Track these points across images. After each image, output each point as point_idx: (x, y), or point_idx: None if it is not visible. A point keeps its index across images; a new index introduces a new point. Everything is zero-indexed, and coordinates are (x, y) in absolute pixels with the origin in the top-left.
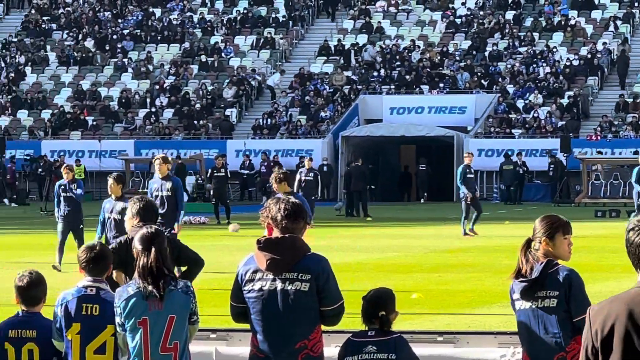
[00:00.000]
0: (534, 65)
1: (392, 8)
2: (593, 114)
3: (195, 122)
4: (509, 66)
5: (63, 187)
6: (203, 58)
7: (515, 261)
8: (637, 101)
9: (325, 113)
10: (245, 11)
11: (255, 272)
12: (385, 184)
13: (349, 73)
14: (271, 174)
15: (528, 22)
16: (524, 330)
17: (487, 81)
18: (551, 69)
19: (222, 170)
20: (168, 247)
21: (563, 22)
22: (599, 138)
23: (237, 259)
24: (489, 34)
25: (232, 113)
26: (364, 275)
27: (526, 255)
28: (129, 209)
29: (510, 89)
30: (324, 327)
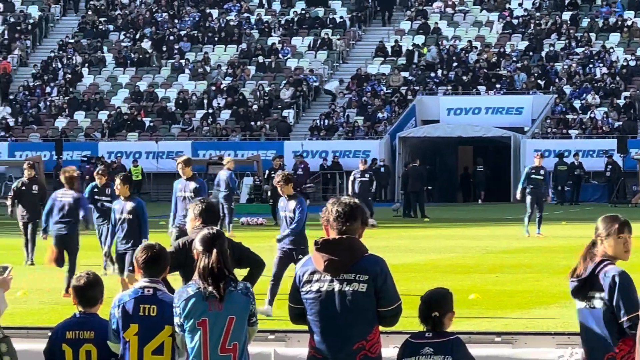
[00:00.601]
0: (591, 65)
1: (449, 9)
2: None
3: (253, 123)
4: (566, 67)
5: (96, 190)
6: (260, 59)
7: (572, 261)
8: None
9: (382, 114)
10: (303, 12)
11: (313, 273)
12: (442, 185)
13: (406, 74)
14: (308, 176)
15: (585, 22)
16: (581, 329)
17: (544, 82)
18: (608, 70)
19: (280, 171)
20: (229, 248)
21: (620, 23)
22: None
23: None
24: (546, 34)
25: (290, 114)
26: (421, 276)
27: (586, 255)
28: (191, 211)
29: (567, 89)
30: (381, 328)
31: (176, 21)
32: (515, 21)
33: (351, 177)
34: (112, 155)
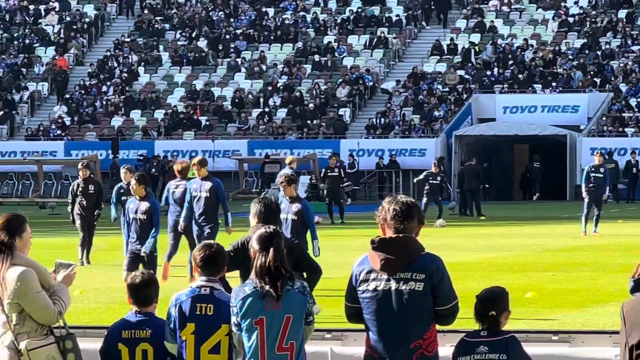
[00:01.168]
0: None
1: (505, 7)
2: None
3: (309, 121)
4: (622, 65)
5: (122, 191)
6: (316, 58)
7: (628, 259)
8: None
9: (438, 112)
10: (359, 10)
11: (370, 272)
12: (498, 183)
13: (462, 72)
14: (344, 175)
15: None
16: None
17: (600, 80)
18: None
19: (336, 169)
20: (288, 249)
21: None
22: None
23: (352, 259)
24: (602, 32)
25: (346, 112)
26: (478, 275)
27: None
28: (251, 209)
29: (623, 87)
30: (438, 327)
31: (232, 20)
32: (571, 19)
33: (420, 176)
34: (169, 154)
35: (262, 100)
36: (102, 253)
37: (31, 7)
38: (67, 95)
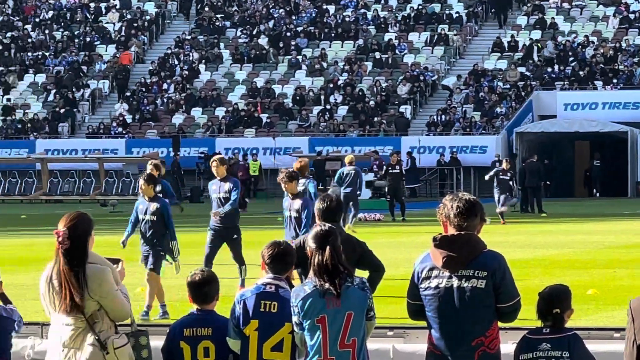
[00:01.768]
0: None
1: (565, 4)
2: None
3: (370, 119)
4: None
5: None
6: (377, 55)
7: None
8: None
9: (500, 109)
10: (419, 7)
11: (432, 269)
12: (559, 180)
13: (523, 69)
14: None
15: None
16: None
17: None
18: None
19: (397, 167)
20: (351, 248)
21: None
22: None
23: (413, 256)
24: None
25: (407, 110)
26: (539, 272)
27: None
28: (315, 208)
29: None
30: (500, 324)
31: (293, 17)
32: (632, 16)
33: (491, 172)
34: (230, 152)
35: (323, 97)
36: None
37: (92, 5)
38: (128, 93)
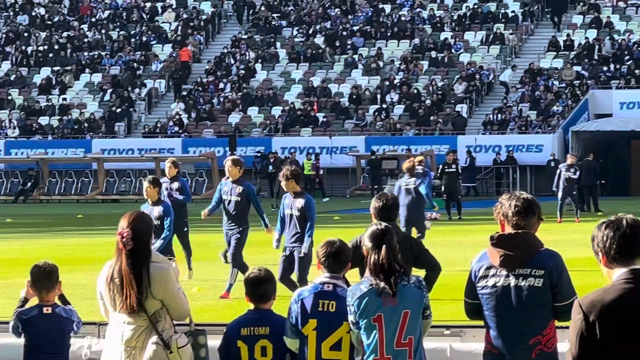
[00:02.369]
0: None
1: (621, 3)
2: None
3: (426, 118)
4: None
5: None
6: (433, 54)
7: None
8: None
9: (557, 107)
10: (475, 7)
11: (489, 268)
12: (615, 179)
13: (579, 68)
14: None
15: None
16: None
17: None
18: None
19: (454, 166)
20: (407, 247)
21: None
22: None
23: (470, 255)
24: None
25: (463, 109)
26: (597, 271)
27: None
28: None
29: None
30: (557, 323)
31: (349, 16)
32: None
33: (558, 171)
34: (286, 151)
35: (379, 96)
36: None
37: (148, 4)
38: (184, 93)
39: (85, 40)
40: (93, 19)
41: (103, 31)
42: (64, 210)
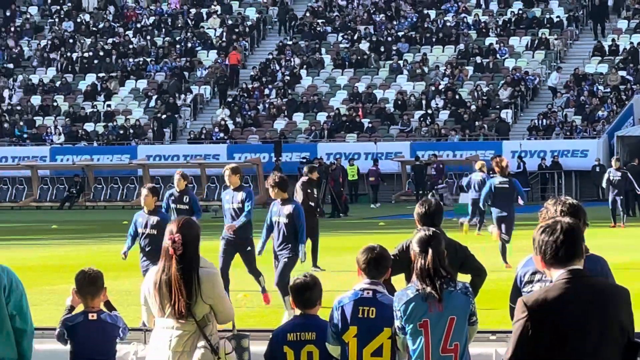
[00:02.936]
0: None
1: None
2: None
3: (471, 123)
4: None
5: (173, 198)
6: (478, 59)
7: None
8: None
9: (602, 112)
10: (520, 12)
11: (534, 273)
12: None
13: (624, 73)
14: (440, 176)
15: None
16: None
17: None
18: None
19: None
20: (453, 252)
21: None
22: None
23: (515, 260)
24: None
25: (508, 114)
26: None
27: None
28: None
29: None
30: None
31: (394, 22)
32: None
33: (605, 175)
34: (331, 157)
35: (424, 102)
36: (268, 254)
37: (193, 10)
38: (229, 99)
39: (131, 46)
40: (138, 25)
41: (148, 37)
42: (109, 217)
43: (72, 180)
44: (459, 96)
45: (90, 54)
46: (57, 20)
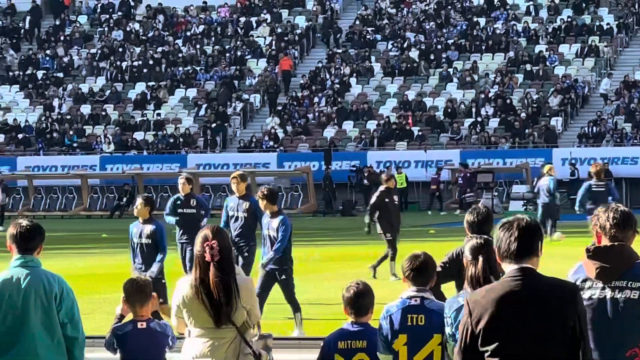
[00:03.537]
0: None
1: None
2: None
3: (521, 131)
4: None
5: (179, 203)
6: (528, 67)
7: None
8: None
9: None
10: (570, 19)
11: (585, 280)
12: None
13: None
14: (469, 185)
15: None
16: None
17: None
18: None
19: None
20: None
21: None
22: None
23: (565, 267)
24: None
25: (558, 122)
26: None
27: None
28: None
29: None
30: None
31: (444, 30)
32: None
33: None
34: (381, 165)
35: (474, 110)
36: (316, 264)
37: (242, 19)
38: (279, 107)
39: (180, 55)
40: (188, 34)
41: (198, 46)
42: None
43: (122, 189)
44: (509, 103)
45: (140, 62)
46: (106, 29)
